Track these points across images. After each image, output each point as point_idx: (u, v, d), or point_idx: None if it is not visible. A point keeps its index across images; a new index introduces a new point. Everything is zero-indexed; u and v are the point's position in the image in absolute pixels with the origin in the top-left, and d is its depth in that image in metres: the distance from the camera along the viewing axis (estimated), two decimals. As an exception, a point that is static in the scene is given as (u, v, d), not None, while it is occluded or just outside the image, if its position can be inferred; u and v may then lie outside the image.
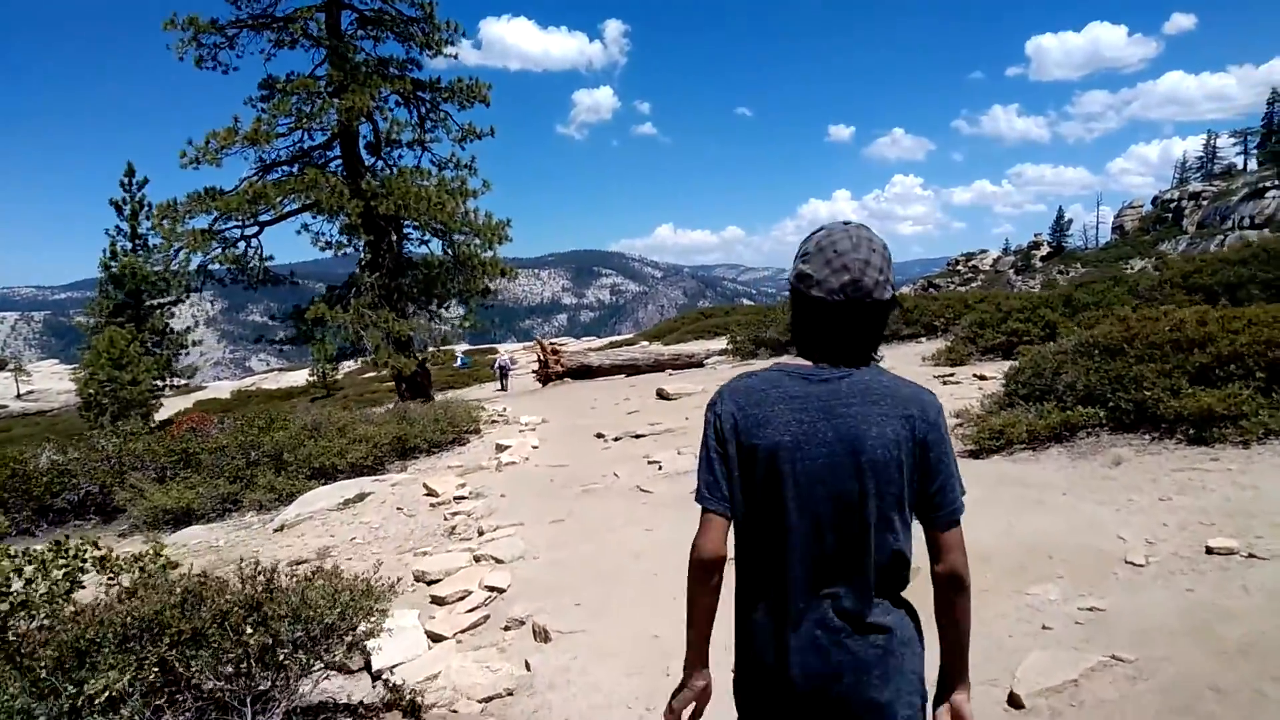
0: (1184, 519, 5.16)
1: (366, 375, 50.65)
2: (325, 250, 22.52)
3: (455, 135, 25.21)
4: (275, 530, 9.22)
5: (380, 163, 24.27)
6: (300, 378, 53.57)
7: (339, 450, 11.51)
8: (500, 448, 12.25)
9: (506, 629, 5.19)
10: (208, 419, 13.71)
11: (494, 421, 16.31)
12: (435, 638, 5.11)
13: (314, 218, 22.54)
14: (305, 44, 22.65)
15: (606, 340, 46.62)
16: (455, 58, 24.89)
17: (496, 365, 33.90)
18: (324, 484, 11.10)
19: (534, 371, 27.52)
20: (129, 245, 36.40)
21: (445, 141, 25.28)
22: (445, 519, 8.36)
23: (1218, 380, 6.80)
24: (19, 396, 59.86)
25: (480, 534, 7.38)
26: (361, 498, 9.78)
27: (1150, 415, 6.87)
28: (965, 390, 11.47)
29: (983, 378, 12.31)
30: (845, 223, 1.77)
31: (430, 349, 23.70)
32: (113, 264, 35.78)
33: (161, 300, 37.28)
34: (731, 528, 1.79)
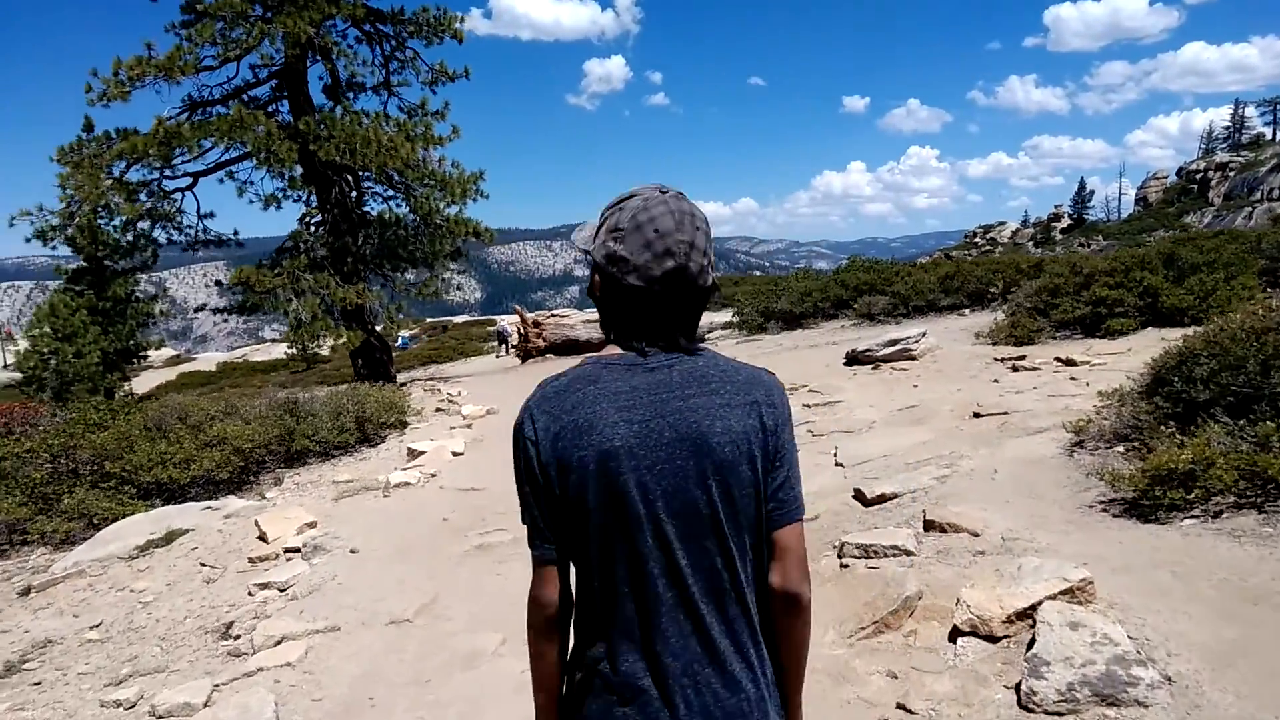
0: None
1: (354, 348, 47.47)
2: (256, 206, 19.18)
3: (425, 77, 21.84)
4: (20, 592, 6.07)
5: (340, 109, 20.84)
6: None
7: (183, 458, 8.33)
8: (412, 454, 9.06)
9: None
10: (32, 409, 10.63)
11: (439, 410, 13.15)
12: None
13: (254, 167, 19.26)
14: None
15: (606, 312, 43.18)
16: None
17: (496, 331, 32.40)
18: (156, 505, 7.98)
19: (513, 347, 24.29)
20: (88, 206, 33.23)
21: (415, 86, 21.83)
22: (249, 593, 5.18)
23: None
24: (5, 367, 57.21)
25: (253, 649, 4.16)
26: (171, 539, 6.61)
27: None
28: (1053, 382, 8.15)
29: (1070, 363, 9.00)
30: (662, 190, 1.40)
31: (394, 319, 20.53)
32: (68, 225, 32.73)
33: (125, 265, 34.07)
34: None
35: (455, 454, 8.89)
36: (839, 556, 4.24)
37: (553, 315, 30.42)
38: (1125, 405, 5.50)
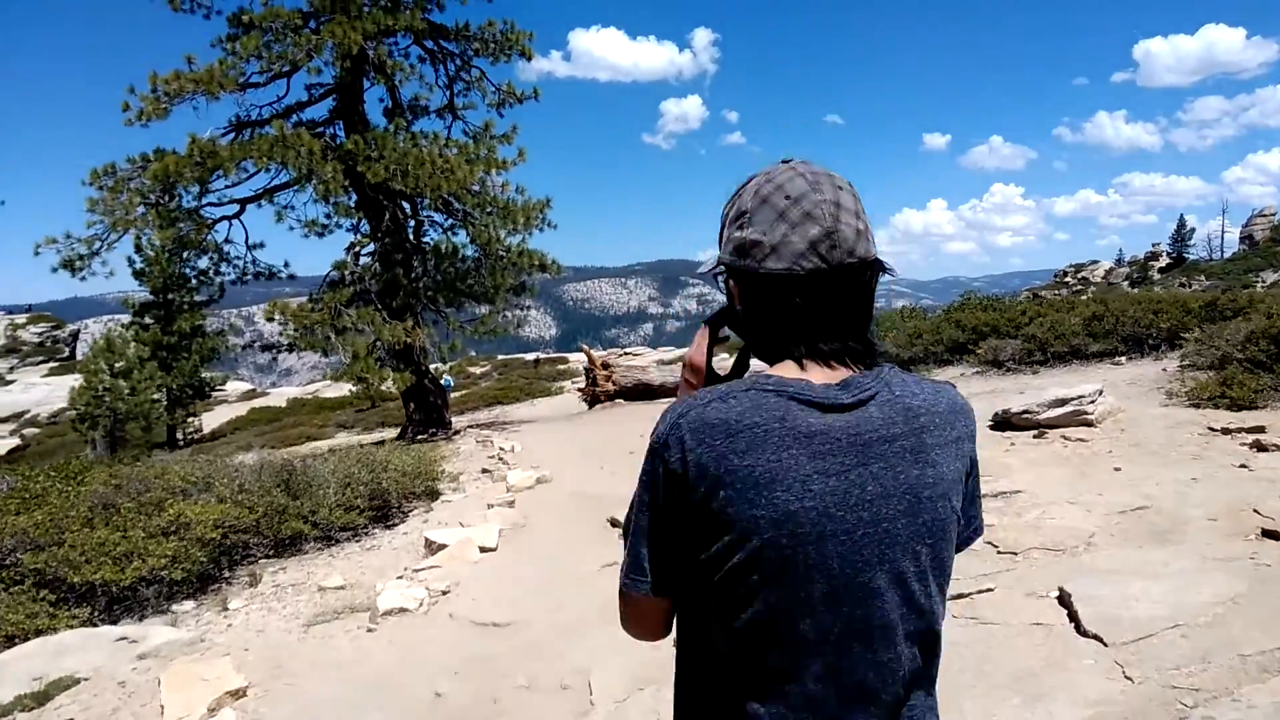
0: None
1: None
2: (297, 232, 17.52)
3: (491, 99, 20.11)
4: None
5: (394, 129, 19.17)
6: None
7: (124, 551, 6.24)
8: (430, 547, 6.83)
9: None
10: None
11: (484, 471, 10.97)
12: None
13: (296, 192, 17.70)
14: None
15: (680, 352, 40.89)
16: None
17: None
18: (92, 617, 5.94)
19: (579, 390, 22.13)
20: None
21: (481, 108, 20.08)
22: None
23: None
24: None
25: None
26: (47, 697, 4.47)
27: None
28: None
29: (1350, 441, 6.31)
30: (785, 160, 1.14)
31: (447, 359, 18.70)
32: (135, 258, 32.22)
33: (189, 299, 33.16)
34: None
35: (484, 550, 6.62)
36: None
37: (624, 354, 28.20)
38: None
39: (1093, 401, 8.47)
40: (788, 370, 1.10)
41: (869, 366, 1.11)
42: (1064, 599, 4.03)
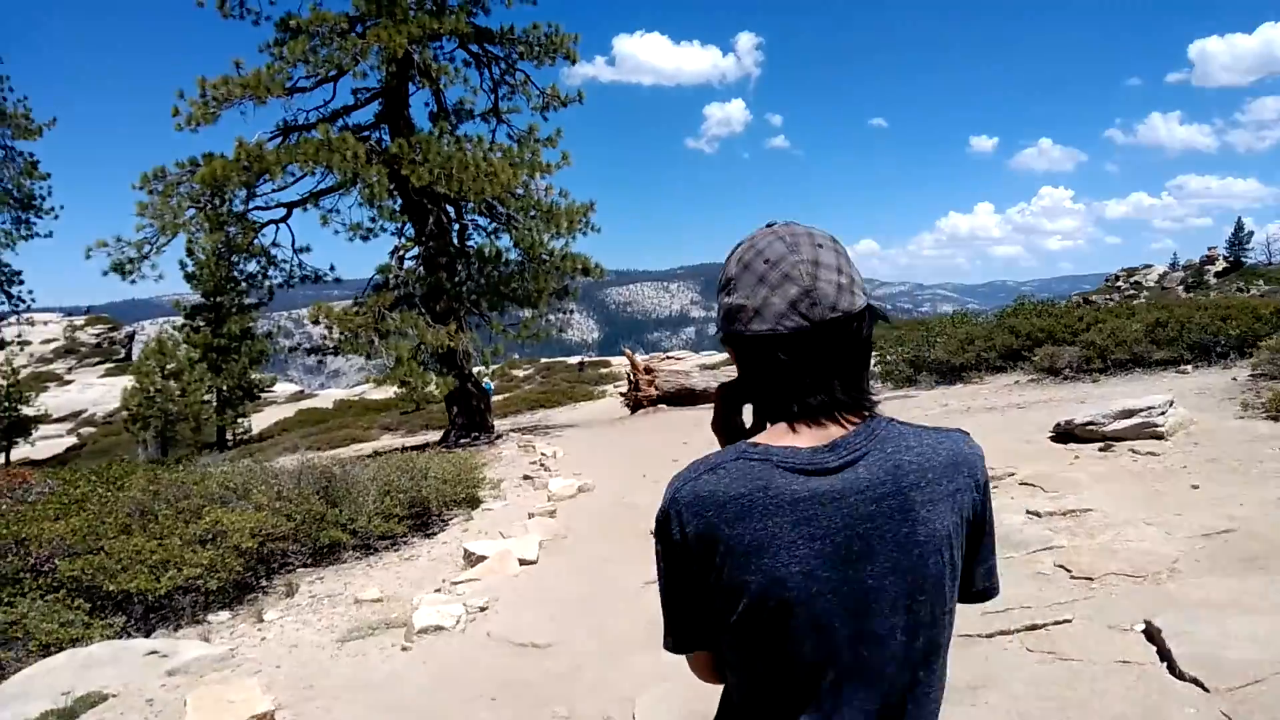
0: None
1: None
2: (343, 236, 17.58)
3: (536, 103, 20.04)
4: None
5: (439, 132, 19.14)
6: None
7: (160, 559, 6.14)
8: (469, 559, 6.64)
9: None
10: (18, 475, 8.81)
11: (526, 478, 10.80)
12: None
13: (341, 195, 17.75)
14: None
15: (723, 355, 40.47)
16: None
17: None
18: (128, 628, 5.86)
19: (621, 395, 21.92)
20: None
21: (525, 112, 20.00)
22: None
23: None
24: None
25: None
26: (71, 716, 4.34)
27: None
28: None
29: None
30: (769, 224, 1.19)
31: (489, 363, 18.57)
32: (187, 262, 32.71)
33: (240, 302, 33.60)
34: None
35: (524, 563, 6.41)
36: None
37: (666, 358, 27.90)
38: None
39: (1163, 413, 8.01)
40: (777, 434, 1.12)
41: (863, 419, 1.12)
42: (1152, 634, 3.69)
